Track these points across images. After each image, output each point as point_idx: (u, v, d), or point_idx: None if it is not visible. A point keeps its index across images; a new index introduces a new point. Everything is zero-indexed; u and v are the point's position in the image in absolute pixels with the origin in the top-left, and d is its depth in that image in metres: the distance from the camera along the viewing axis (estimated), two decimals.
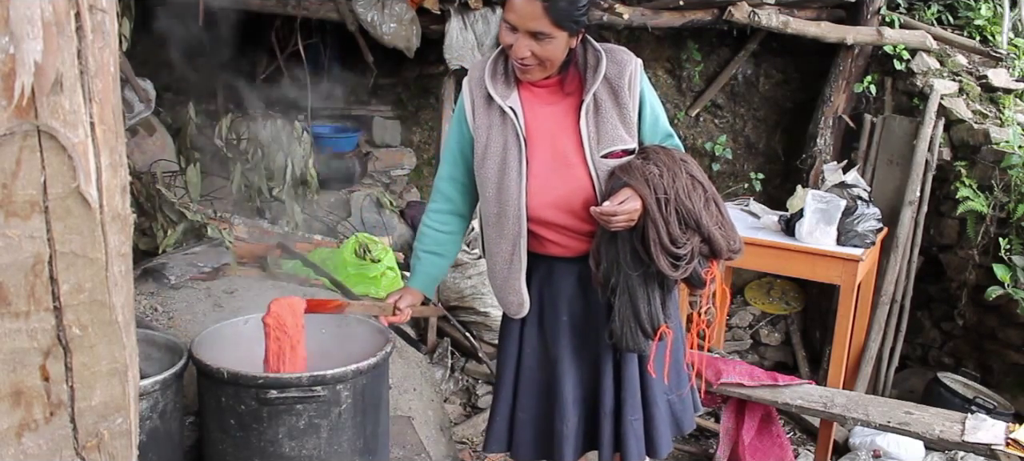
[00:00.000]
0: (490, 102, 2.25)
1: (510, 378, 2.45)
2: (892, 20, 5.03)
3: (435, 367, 4.18)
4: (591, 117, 2.21)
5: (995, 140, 4.43)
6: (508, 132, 2.23)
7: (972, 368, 4.50)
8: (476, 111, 2.27)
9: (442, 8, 4.22)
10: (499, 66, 2.25)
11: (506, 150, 2.23)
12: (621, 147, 2.21)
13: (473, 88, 2.29)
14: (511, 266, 2.31)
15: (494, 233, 2.31)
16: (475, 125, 2.28)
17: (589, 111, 2.21)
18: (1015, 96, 4.77)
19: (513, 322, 2.43)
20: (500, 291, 2.39)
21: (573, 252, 2.30)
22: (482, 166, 2.27)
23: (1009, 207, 4.30)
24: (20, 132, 0.84)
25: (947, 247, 4.69)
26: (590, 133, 2.21)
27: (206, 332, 2.50)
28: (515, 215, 2.24)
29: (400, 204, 4.88)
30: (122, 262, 0.96)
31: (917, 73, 4.85)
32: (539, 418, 2.43)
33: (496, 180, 2.25)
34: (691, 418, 2.52)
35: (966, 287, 4.51)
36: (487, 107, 2.26)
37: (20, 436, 0.93)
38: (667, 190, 2.11)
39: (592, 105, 2.21)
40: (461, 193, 2.40)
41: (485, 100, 2.26)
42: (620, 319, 2.22)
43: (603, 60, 2.20)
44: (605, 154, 2.21)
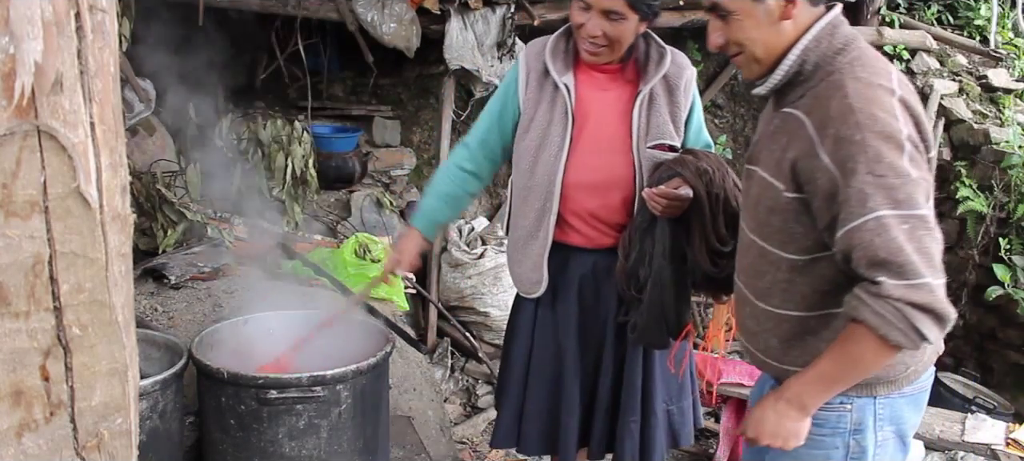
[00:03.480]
0: (545, 77, 2.25)
1: (519, 370, 2.43)
2: (892, 20, 5.03)
3: (435, 367, 4.18)
4: (644, 109, 2.23)
5: (995, 140, 4.43)
6: (557, 109, 2.23)
7: (972, 368, 4.50)
8: (529, 84, 2.27)
9: (442, 8, 4.22)
10: (561, 44, 2.26)
11: (550, 126, 2.23)
12: (668, 142, 2.24)
13: (530, 61, 2.28)
14: (535, 240, 2.30)
15: (521, 206, 2.31)
16: (525, 98, 2.28)
17: (644, 103, 2.23)
18: (1015, 96, 4.76)
19: (526, 311, 2.41)
20: (519, 266, 2.36)
21: (593, 243, 2.29)
22: (523, 138, 2.28)
23: (1009, 207, 4.30)
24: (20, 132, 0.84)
25: (947, 247, 4.69)
26: (640, 124, 2.22)
27: (206, 332, 2.50)
28: (546, 190, 2.25)
29: (400, 204, 4.88)
30: (122, 262, 0.96)
31: (917, 73, 4.85)
32: (546, 411, 2.42)
33: (533, 153, 2.25)
34: (689, 433, 2.49)
35: (966, 287, 4.51)
36: (541, 82, 2.26)
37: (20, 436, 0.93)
38: (718, 187, 2.12)
39: (647, 98, 2.23)
40: (487, 158, 2.39)
41: (540, 74, 2.26)
42: (648, 314, 2.20)
43: (668, 57, 2.24)
44: (652, 146, 2.23)
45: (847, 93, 1.51)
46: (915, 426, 1.77)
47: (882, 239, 1.45)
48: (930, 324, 1.46)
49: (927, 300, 1.45)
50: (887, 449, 1.72)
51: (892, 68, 1.58)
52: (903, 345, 1.49)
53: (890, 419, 1.70)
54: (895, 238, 1.45)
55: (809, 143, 1.54)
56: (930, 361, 1.73)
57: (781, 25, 1.59)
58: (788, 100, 1.64)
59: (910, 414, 1.73)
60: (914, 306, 1.45)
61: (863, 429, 1.69)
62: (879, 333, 1.48)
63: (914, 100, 1.55)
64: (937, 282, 1.46)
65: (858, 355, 1.55)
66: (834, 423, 1.69)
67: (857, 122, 1.48)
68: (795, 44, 1.60)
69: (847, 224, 1.49)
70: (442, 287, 4.46)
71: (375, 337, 2.53)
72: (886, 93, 1.51)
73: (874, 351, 1.52)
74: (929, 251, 1.47)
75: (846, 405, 1.67)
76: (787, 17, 1.59)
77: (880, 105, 1.49)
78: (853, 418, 1.69)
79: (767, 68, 1.64)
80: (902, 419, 1.72)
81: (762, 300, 1.71)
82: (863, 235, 1.47)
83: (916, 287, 1.45)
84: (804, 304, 1.65)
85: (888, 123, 1.48)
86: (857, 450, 1.70)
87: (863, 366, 1.56)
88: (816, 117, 1.54)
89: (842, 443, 1.70)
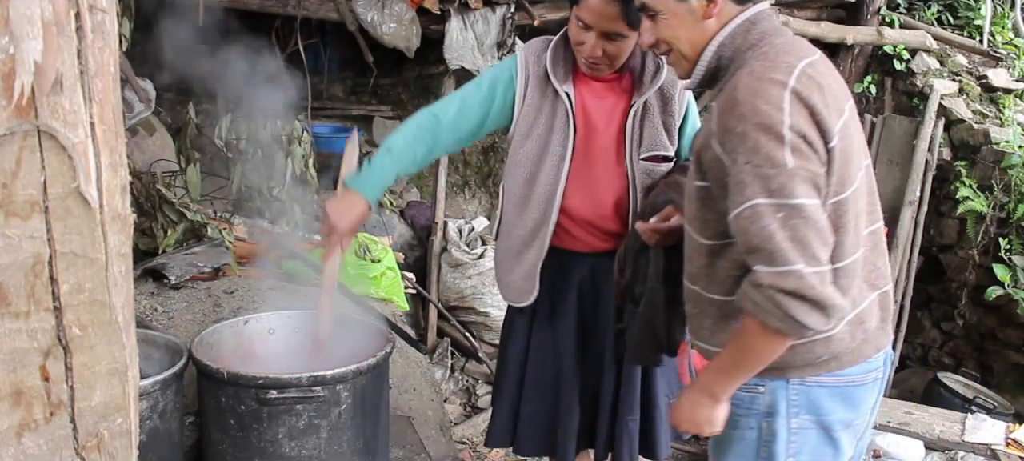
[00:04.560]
0: (545, 83, 2.22)
1: (514, 372, 2.42)
2: (892, 20, 5.03)
3: (435, 367, 4.18)
4: (638, 120, 2.21)
5: (995, 140, 4.43)
6: (558, 118, 2.21)
7: (972, 368, 4.50)
8: (528, 88, 2.23)
9: (442, 8, 4.22)
10: (560, 52, 2.23)
11: (552, 135, 2.21)
12: (661, 153, 2.22)
13: (530, 64, 2.23)
14: (530, 249, 2.28)
15: (517, 214, 2.28)
16: (524, 102, 2.24)
17: (637, 114, 2.21)
18: (1015, 96, 4.77)
19: (521, 313, 2.39)
20: (509, 274, 2.34)
21: (590, 248, 2.29)
22: (521, 146, 2.25)
23: (1009, 207, 4.30)
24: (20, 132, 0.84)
25: (947, 247, 4.69)
26: (634, 136, 2.21)
27: (206, 332, 2.50)
28: (545, 200, 2.23)
29: (400, 204, 4.88)
30: (122, 262, 0.96)
31: (917, 73, 4.85)
32: (545, 412, 2.42)
33: (533, 162, 2.23)
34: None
35: (966, 287, 4.51)
36: (541, 88, 2.22)
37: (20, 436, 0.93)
38: None
39: (641, 109, 2.21)
40: (452, 136, 2.26)
41: (541, 80, 2.22)
42: (639, 332, 2.17)
43: (663, 70, 2.21)
44: (645, 158, 2.21)
45: (737, 86, 1.57)
46: (848, 424, 1.76)
47: (755, 226, 1.51)
48: (807, 311, 1.49)
49: (796, 286, 1.48)
50: (806, 439, 1.74)
51: (799, 63, 1.59)
52: (784, 332, 1.53)
53: (806, 407, 1.72)
54: (766, 226, 1.50)
55: (708, 134, 1.61)
56: (861, 352, 1.72)
57: (705, 22, 1.66)
58: (712, 94, 1.73)
59: (835, 406, 1.73)
60: (784, 292, 1.49)
61: (775, 413, 1.72)
62: (758, 320, 1.54)
63: (814, 93, 1.55)
64: (810, 270, 1.49)
65: (749, 344, 1.60)
66: (748, 404, 1.74)
67: (740, 114, 1.54)
68: (713, 39, 1.66)
69: (730, 212, 1.56)
70: (442, 287, 4.46)
71: (375, 337, 2.53)
72: (775, 86, 1.54)
73: (761, 339, 1.57)
74: (804, 239, 1.49)
75: (759, 387, 1.72)
76: (709, 16, 1.65)
77: (765, 97, 1.53)
78: (766, 400, 1.73)
79: (693, 64, 1.71)
80: (822, 409, 1.73)
81: (694, 283, 1.77)
82: (740, 222, 1.53)
83: (785, 274, 1.49)
84: (722, 288, 1.70)
85: (769, 115, 1.52)
86: (768, 433, 1.74)
87: (756, 354, 1.61)
88: (718, 108, 1.60)
89: (756, 424, 1.75)
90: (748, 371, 1.65)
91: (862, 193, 1.66)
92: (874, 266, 1.74)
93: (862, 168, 1.67)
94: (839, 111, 1.59)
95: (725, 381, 1.68)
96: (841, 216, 1.60)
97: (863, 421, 1.81)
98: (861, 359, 1.73)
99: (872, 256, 1.73)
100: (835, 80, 1.65)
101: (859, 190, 1.64)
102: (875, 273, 1.74)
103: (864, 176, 1.68)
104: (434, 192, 4.55)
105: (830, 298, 1.51)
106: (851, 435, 1.79)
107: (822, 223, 1.53)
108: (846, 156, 1.59)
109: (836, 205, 1.59)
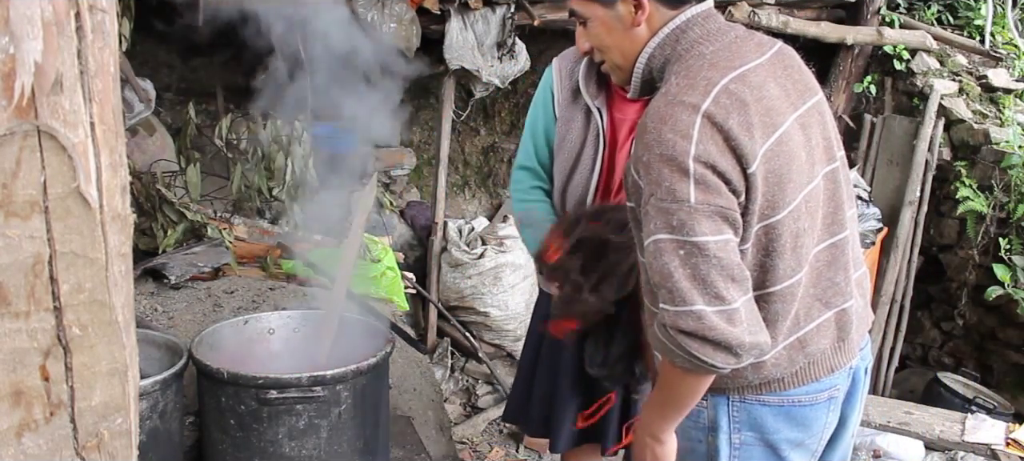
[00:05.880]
0: (576, 97, 2.20)
1: (531, 352, 2.48)
2: (892, 20, 5.03)
3: (435, 367, 4.18)
4: None
5: (995, 140, 4.43)
6: (590, 131, 2.19)
7: (972, 368, 4.50)
8: (560, 100, 2.23)
9: (442, 8, 4.22)
10: (593, 65, 2.17)
11: (583, 147, 2.20)
12: None
13: (563, 77, 2.23)
14: None
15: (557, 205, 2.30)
16: (558, 115, 2.24)
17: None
18: (1015, 96, 4.77)
19: (544, 295, 2.43)
20: None
21: None
22: (557, 155, 2.25)
23: (1009, 207, 4.30)
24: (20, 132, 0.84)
25: (947, 247, 4.69)
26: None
27: (206, 332, 2.50)
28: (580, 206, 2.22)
29: (400, 204, 4.88)
30: (122, 262, 0.96)
31: (917, 73, 4.85)
32: (547, 398, 2.45)
33: (565, 174, 2.23)
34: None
35: (966, 287, 4.51)
36: (572, 101, 2.22)
37: (20, 436, 0.93)
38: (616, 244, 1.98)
39: None
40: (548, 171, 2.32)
41: (572, 92, 2.22)
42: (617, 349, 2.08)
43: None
44: None
45: (650, 109, 1.49)
46: (797, 443, 1.69)
47: (657, 263, 1.45)
48: (710, 351, 1.43)
49: (695, 327, 1.42)
50: (751, 455, 1.68)
51: (722, 78, 1.48)
52: (690, 370, 1.48)
53: (748, 424, 1.66)
54: (667, 263, 1.43)
55: (631, 156, 1.54)
56: (806, 374, 1.64)
57: (634, 31, 1.59)
58: None
59: (780, 425, 1.66)
60: (683, 333, 1.44)
61: (717, 428, 1.68)
62: (668, 360, 1.49)
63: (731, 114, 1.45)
64: (711, 309, 1.42)
65: (671, 381, 1.56)
66: (695, 417, 1.69)
67: (647, 142, 1.46)
68: (644, 49, 1.59)
69: (641, 243, 1.50)
70: (442, 287, 4.46)
71: (375, 337, 2.53)
72: (686, 110, 1.44)
73: (677, 376, 1.52)
74: (705, 278, 1.42)
75: (704, 402, 1.67)
76: (637, 23, 1.58)
77: (672, 124, 1.44)
78: (709, 415, 1.69)
79: (628, 74, 1.64)
80: (766, 428, 1.66)
81: (645, 297, 1.70)
82: (647, 257, 1.48)
83: (684, 314, 1.43)
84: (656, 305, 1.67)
85: (674, 145, 1.43)
86: (712, 448, 1.69)
87: (681, 391, 1.56)
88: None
89: (703, 438, 1.71)
90: (679, 407, 1.60)
91: (810, 210, 1.56)
92: (831, 282, 1.64)
93: (811, 184, 1.55)
94: (769, 129, 1.48)
95: (661, 420, 1.63)
96: (772, 240, 1.51)
97: (816, 441, 1.72)
98: (808, 381, 1.64)
99: (829, 272, 1.63)
100: (773, 89, 1.52)
101: (798, 210, 1.52)
102: (832, 290, 1.64)
103: (820, 189, 1.58)
104: (434, 192, 4.55)
105: (735, 338, 1.43)
106: (803, 454, 1.72)
107: (728, 260, 1.44)
108: (778, 177, 1.49)
109: (767, 229, 1.51)
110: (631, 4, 1.57)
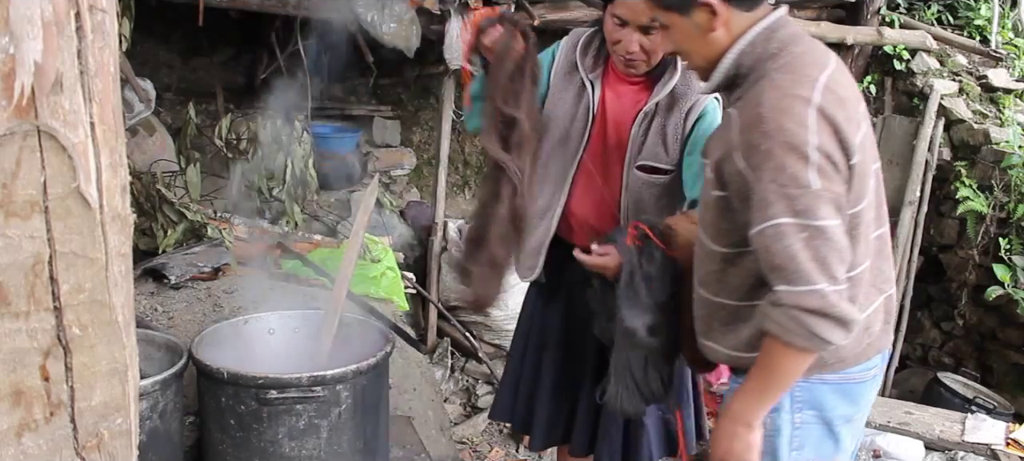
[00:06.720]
0: (574, 70, 2.23)
1: (519, 349, 2.49)
2: (892, 20, 5.03)
3: (435, 367, 4.18)
4: (643, 126, 2.19)
5: (995, 140, 4.43)
6: (581, 105, 2.22)
7: (972, 368, 4.50)
8: (558, 71, 2.26)
9: (442, 8, 4.22)
10: (593, 44, 2.23)
11: (573, 121, 2.22)
12: (654, 164, 2.18)
13: (566, 50, 2.27)
14: (538, 228, 2.30)
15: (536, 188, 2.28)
16: (552, 83, 2.27)
17: (644, 119, 2.19)
18: (1015, 96, 4.77)
19: (530, 293, 2.47)
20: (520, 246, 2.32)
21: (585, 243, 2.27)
22: (546, 126, 2.26)
23: (1009, 207, 4.30)
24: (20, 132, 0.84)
25: (947, 247, 4.69)
26: (635, 142, 2.19)
27: (206, 332, 2.50)
28: (557, 183, 2.26)
29: (400, 204, 4.88)
30: (122, 262, 0.96)
31: (917, 73, 4.85)
32: (531, 395, 2.47)
33: (552, 145, 2.25)
34: (691, 443, 2.43)
35: (966, 287, 4.51)
36: (568, 75, 2.25)
37: (20, 436, 0.93)
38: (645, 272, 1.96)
39: (650, 114, 2.18)
40: None
41: (570, 66, 2.25)
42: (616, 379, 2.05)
43: (677, 75, 2.16)
44: (639, 166, 2.19)
45: (762, 101, 1.57)
46: (848, 419, 1.80)
47: (779, 246, 1.53)
48: (830, 328, 1.53)
49: (819, 305, 1.52)
50: (809, 434, 1.78)
51: (822, 75, 1.59)
52: (807, 349, 1.57)
53: (809, 403, 1.75)
54: (790, 245, 1.52)
55: (730, 145, 1.61)
56: (860, 357, 1.76)
57: (711, 35, 1.67)
58: (731, 100, 1.73)
59: (837, 403, 1.77)
60: (808, 311, 1.52)
61: (779, 408, 1.75)
62: (783, 340, 1.57)
63: (837, 109, 1.57)
64: (831, 288, 1.52)
65: (775, 364, 1.63)
66: None
67: (765, 131, 1.54)
68: (731, 48, 1.67)
69: (753, 227, 1.57)
70: (442, 287, 4.46)
71: (375, 337, 2.53)
72: (801, 103, 1.54)
73: (787, 357, 1.60)
74: (825, 260, 1.53)
75: None
76: (713, 29, 1.66)
77: (791, 115, 1.53)
78: None
79: (709, 72, 1.72)
80: (825, 405, 1.77)
81: (703, 288, 1.80)
82: (763, 240, 1.55)
83: (808, 293, 1.52)
84: (735, 294, 1.73)
85: (796, 134, 1.52)
86: (772, 428, 1.76)
87: (783, 372, 1.64)
88: (740, 120, 1.61)
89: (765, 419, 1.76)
90: (778, 391, 1.67)
91: (872, 202, 1.68)
92: (879, 270, 1.76)
93: (874, 176, 1.69)
94: (858, 123, 1.61)
95: (757, 405, 1.69)
96: (854, 227, 1.62)
97: (863, 416, 1.85)
98: (863, 359, 1.77)
99: (878, 261, 1.75)
100: (853, 88, 1.67)
101: (870, 200, 1.66)
102: (881, 277, 1.76)
103: (875, 184, 1.70)
104: (434, 192, 4.55)
105: (849, 314, 1.54)
106: (851, 430, 1.83)
107: (842, 243, 1.55)
108: (863, 169, 1.61)
109: (853, 217, 1.62)
110: (706, 12, 1.65)
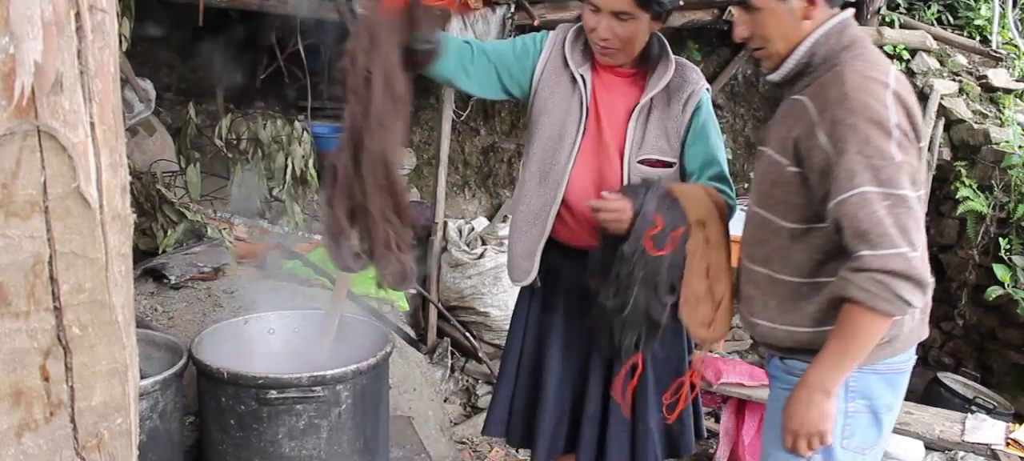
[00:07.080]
0: (563, 67, 2.23)
1: (514, 359, 2.43)
2: (892, 20, 5.03)
3: (435, 367, 4.18)
4: (641, 120, 2.20)
5: (995, 140, 4.43)
6: (574, 100, 2.21)
7: (972, 368, 4.50)
8: (548, 65, 2.25)
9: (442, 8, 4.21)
10: (581, 40, 2.24)
11: (567, 116, 2.22)
12: (658, 157, 2.20)
13: (555, 43, 2.26)
14: (535, 227, 2.28)
15: (533, 187, 2.28)
16: (541, 77, 2.24)
17: (641, 114, 2.20)
18: (1015, 96, 4.77)
19: (523, 299, 2.42)
20: (515, 246, 2.34)
21: (586, 245, 2.26)
22: (537, 123, 2.26)
23: (1009, 207, 4.30)
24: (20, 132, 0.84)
25: (947, 247, 4.69)
26: (634, 136, 2.20)
27: (206, 332, 2.50)
28: (556, 181, 2.23)
29: None
30: (122, 262, 0.96)
31: (917, 73, 4.85)
32: (528, 406, 2.41)
33: (545, 141, 2.24)
34: (690, 442, 2.45)
35: (966, 287, 4.51)
36: (559, 70, 2.24)
37: (20, 436, 0.93)
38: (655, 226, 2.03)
39: (647, 108, 2.20)
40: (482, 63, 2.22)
41: (560, 62, 2.24)
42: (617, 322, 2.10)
43: (671, 67, 2.20)
44: (642, 159, 2.20)
45: (845, 82, 1.68)
46: (890, 407, 1.88)
47: (865, 212, 1.63)
48: (910, 289, 1.63)
49: (903, 267, 1.61)
50: (859, 422, 1.84)
51: (891, 67, 1.75)
52: (890, 312, 1.65)
53: (861, 392, 1.82)
54: (875, 212, 1.62)
55: (809, 124, 1.71)
56: (906, 344, 1.84)
57: (802, 22, 1.76)
58: (796, 88, 1.81)
59: (883, 392, 1.85)
60: (892, 274, 1.61)
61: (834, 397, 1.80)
62: (867, 305, 1.64)
63: (908, 95, 1.71)
64: (912, 253, 1.62)
65: (856, 330, 1.69)
66: None
67: (850, 107, 1.65)
68: (807, 38, 1.76)
69: (836, 197, 1.66)
70: (442, 287, 4.46)
71: (375, 337, 2.53)
72: (880, 85, 1.67)
73: (868, 322, 1.67)
74: (906, 226, 1.63)
75: None
76: (808, 17, 1.76)
77: (873, 94, 1.66)
78: None
79: (783, 60, 1.80)
80: (874, 394, 1.84)
81: (763, 265, 1.87)
82: (849, 208, 1.64)
83: (893, 256, 1.61)
84: (799, 270, 1.81)
85: (878, 111, 1.65)
86: None
87: (863, 338, 1.70)
88: (818, 102, 1.71)
89: None
90: (856, 358, 1.73)
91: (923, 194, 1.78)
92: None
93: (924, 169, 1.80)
94: (919, 115, 1.74)
95: (836, 372, 1.74)
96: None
97: (900, 405, 1.92)
98: (907, 347, 1.86)
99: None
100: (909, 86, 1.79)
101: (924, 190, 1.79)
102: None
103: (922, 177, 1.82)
104: (434, 192, 4.55)
105: (928, 277, 1.65)
106: (891, 417, 1.90)
107: (919, 213, 1.68)
108: (921, 155, 1.74)
109: (918, 199, 1.73)
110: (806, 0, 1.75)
